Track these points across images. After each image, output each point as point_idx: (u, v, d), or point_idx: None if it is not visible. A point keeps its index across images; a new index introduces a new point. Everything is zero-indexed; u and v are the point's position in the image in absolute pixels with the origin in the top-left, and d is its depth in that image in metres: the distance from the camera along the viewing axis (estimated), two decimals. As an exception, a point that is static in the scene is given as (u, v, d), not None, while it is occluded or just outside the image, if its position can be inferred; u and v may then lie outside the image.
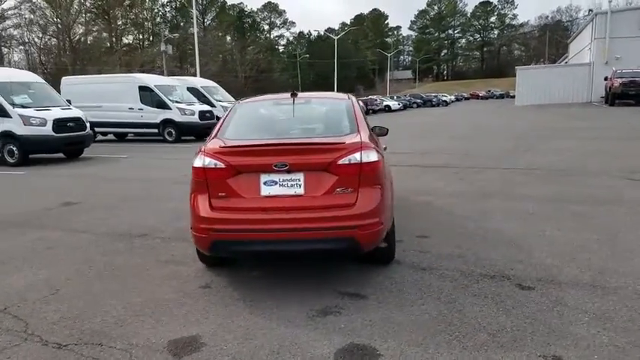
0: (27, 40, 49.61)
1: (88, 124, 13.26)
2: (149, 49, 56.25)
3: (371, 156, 3.60)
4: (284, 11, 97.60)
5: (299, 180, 3.51)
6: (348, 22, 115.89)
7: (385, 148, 5.48)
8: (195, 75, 62.52)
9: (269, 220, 3.44)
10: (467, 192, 7.48)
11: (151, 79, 18.12)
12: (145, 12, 62.89)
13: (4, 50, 48.40)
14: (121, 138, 19.54)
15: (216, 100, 19.97)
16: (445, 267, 4.25)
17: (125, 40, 59.45)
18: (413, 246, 4.85)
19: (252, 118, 4.51)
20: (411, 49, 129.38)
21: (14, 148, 11.95)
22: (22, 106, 12.02)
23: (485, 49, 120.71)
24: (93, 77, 20.25)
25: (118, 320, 3.38)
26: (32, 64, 49.12)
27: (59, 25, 50.26)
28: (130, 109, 17.43)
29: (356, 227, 3.44)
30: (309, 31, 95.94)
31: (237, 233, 3.47)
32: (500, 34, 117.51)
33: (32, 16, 49.54)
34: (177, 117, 16.93)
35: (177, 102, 17.20)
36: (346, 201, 3.49)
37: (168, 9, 66.30)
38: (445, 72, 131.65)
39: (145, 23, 63.47)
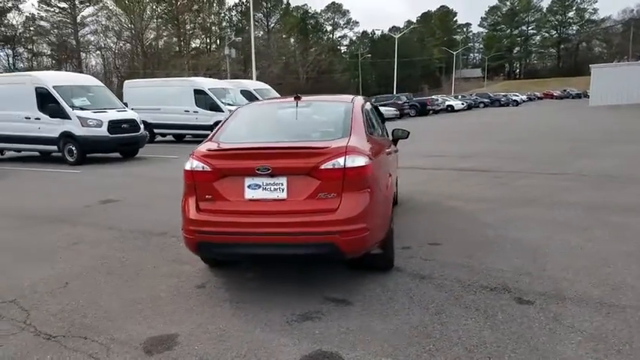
0: (103, 46, 52.99)
1: (142, 126, 13.94)
2: (215, 53, 58.26)
3: (357, 161, 3.52)
4: (348, 11, 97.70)
5: (282, 184, 3.51)
6: (414, 20, 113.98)
7: (395, 151, 5.38)
8: (257, 77, 63.67)
9: (252, 223, 3.47)
10: (503, 198, 7.16)
11: (206, 83, 18.76)
12: (212, 16, 65.24)
13: (82, 55, 51.96)
14: (179, 139, 20.36)
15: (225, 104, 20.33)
16: (446, 276, 4.10)
17: (193, 45, 61.89)
18: (420, 253, 4.71)
19: (249, 122, 4.56)
20: (481, 46, 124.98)
21: (73, 148, 12.82)
22: (81, 109, 12.86)
23: (562, 46, 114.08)
24: (152, 80, 21.24)
25: (110, 315, 3.54)
26: (108, 68, 52.39)
27: (133, 31, 53.24)
28: (185, 111, 18.12)
29: (337, 233, 3.38)
30: (373, 31, 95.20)
31: (221, 236, 3.52)
32: (579, 30, 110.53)
33: (108, 23, 52.90)
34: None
35: (229, 104, 17.66)
36: (329, 206, 3.45)
37: (234, 13, 68.39)
38: (517, 70, 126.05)
39: (213, 27, 65.82)
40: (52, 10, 51.16)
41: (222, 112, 17.21)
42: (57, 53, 48.86)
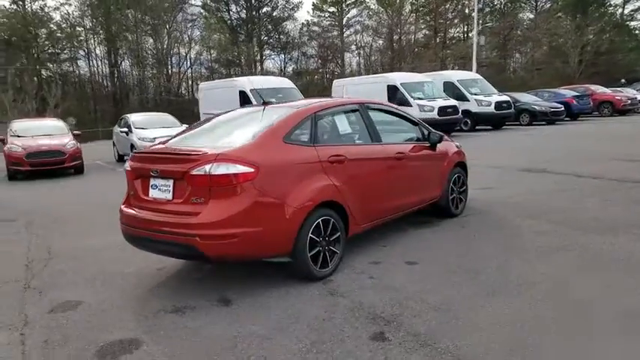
0: (362, 44, 57.48)
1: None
2: (469, 41, 56.38)
3: (230, 169, 3.70)
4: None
5: (169, 186, 3.94)
6: None
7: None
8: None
9: (147, 220, 4.01)
10: (600, 220, 5.73)
11: (399, 78, 18.90)
12: (471, 3, 63.04)
13: (347, 55, 57.48)
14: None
15: (471, 94, 19.35)
16: (357, 297, 3.89)
17: (449, 34, 61.12)
18: (376, 270, 4.47)
19: (204, 127, 4.97)
20: None
21: None
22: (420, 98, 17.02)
23: None
24: (353, 79, 22.44)
25: (70, 278, 4.65)
26: (367, 65, 56.64)
27: (390, 27, 56.02)
28: None
29: (196, 236, 3.67)
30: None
31: (133, 228, 4.16)
32: None
33: (369, 22, 56.95)
34: (416, 114, 17.26)
35: (419, 99, 17.62)
36: (196, 210, 3.74)
37: (497, -3, 64.46)
38: None
39: (472, 14, 63.54)
40: (323, 15, 58.04)
41: (411, 106, 17.32)
42: (323, 54, 55.33)
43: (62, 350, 3.25)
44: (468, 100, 19.34)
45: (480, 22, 59.32)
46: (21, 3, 41.58)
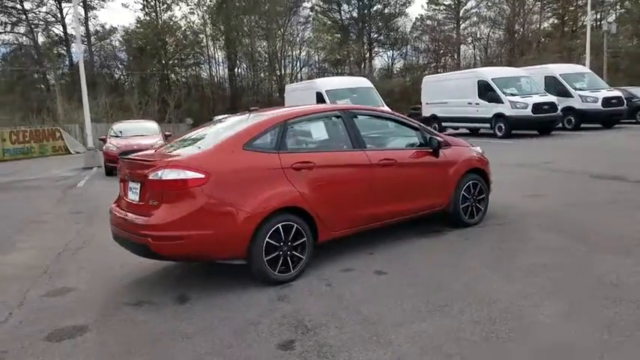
0: (478, 36, 54.50)
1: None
2: (601, 29, 50.56)
3: (180, 174, 3.98)
4: None
5: (137, 189, 4.30)
6: None
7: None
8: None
9: (124, 220, 4.40)
10: (610, 241, 5.08)
11: (491, 73, 17.74)
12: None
13: (463, 47, 54.96)
14: (474, 133, 19.61)
15: (576, 89, 17.50)
16: (301, 302, 3.96)
17: (579, 23, 55.33)
18: (342, 277, 4.48)
19: (194, 132, 5.27)
20: None
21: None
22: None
23: None
24: (443, 75, 21.47)
25: (76, 262, 5.30)
26: (483, 57, 53.62)
27: (510, 18, 52.42)
28: (468, 103, 17.77)
29: (149, 236, 3.99)
30: None
31: (115, 228, 4.57)
32: None
33: (488, 13, 53.82)
34: (507, 111, 16.16)
35: (512, 95, 16.39)
36: (150, 211, 4.06)
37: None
38: None
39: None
40: (438, 8, 56.20)
41: (502, 103, 16.23)
42: (437, 48, 53.60)
43: (25, 330, 3.77)
44: (572, 96, 17.60)
45: (618, 6, 53.17)
46: (154, 15, 46.49)
